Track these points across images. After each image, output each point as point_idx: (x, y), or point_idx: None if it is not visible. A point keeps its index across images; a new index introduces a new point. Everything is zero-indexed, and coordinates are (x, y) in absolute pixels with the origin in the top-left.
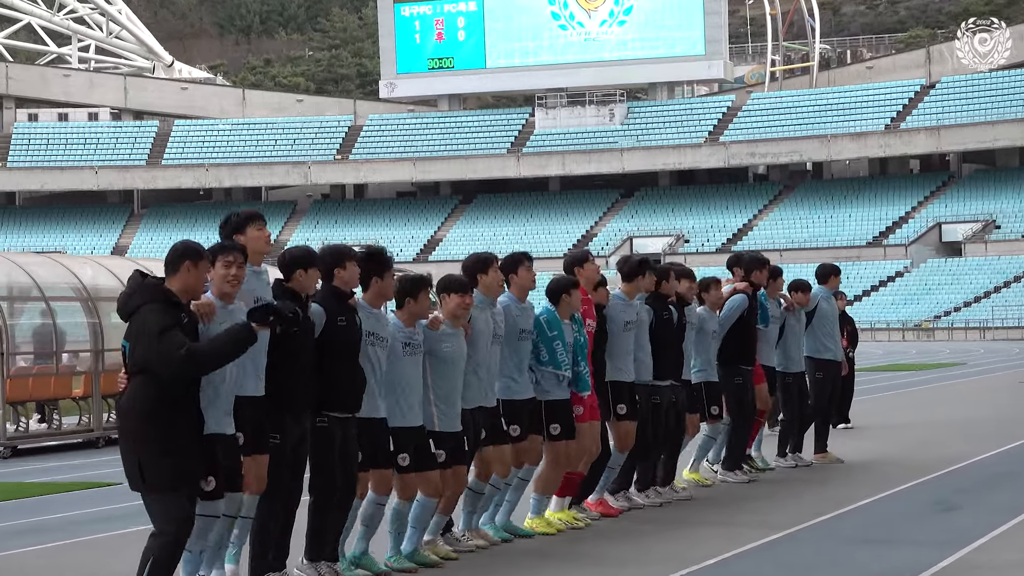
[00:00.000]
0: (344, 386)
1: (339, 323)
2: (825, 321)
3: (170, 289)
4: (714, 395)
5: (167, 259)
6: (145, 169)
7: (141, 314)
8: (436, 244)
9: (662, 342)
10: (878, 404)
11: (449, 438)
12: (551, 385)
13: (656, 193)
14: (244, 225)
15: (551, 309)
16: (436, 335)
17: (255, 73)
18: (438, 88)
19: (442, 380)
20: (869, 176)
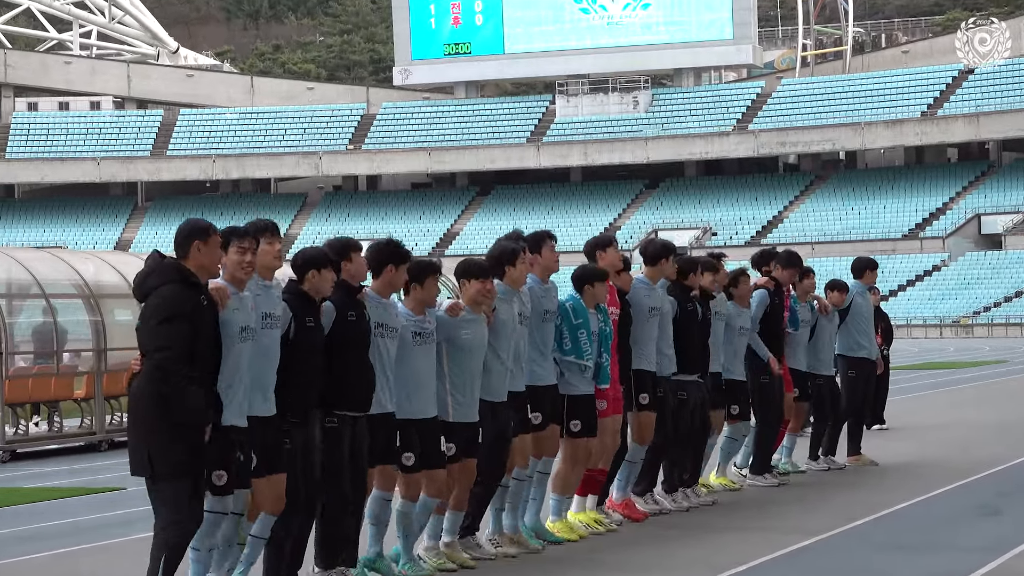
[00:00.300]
0: (354, 384)
1: (349, 318)
2: (860, 318)
3: (190, 269)
4: (737, 394)
5: (175, 241)
6: (149, 160)
7: (155, 296)
8: (452, 238)
9: (687, 335)
10: (914, 404)
11: (464, 429)
12: (575, 378)
13: (682, 184)
14: (258, 236)
15: (577, 296)
16: (455, 322)
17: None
18: (454, 75)
19: (459, 369)
20: (905, 165)
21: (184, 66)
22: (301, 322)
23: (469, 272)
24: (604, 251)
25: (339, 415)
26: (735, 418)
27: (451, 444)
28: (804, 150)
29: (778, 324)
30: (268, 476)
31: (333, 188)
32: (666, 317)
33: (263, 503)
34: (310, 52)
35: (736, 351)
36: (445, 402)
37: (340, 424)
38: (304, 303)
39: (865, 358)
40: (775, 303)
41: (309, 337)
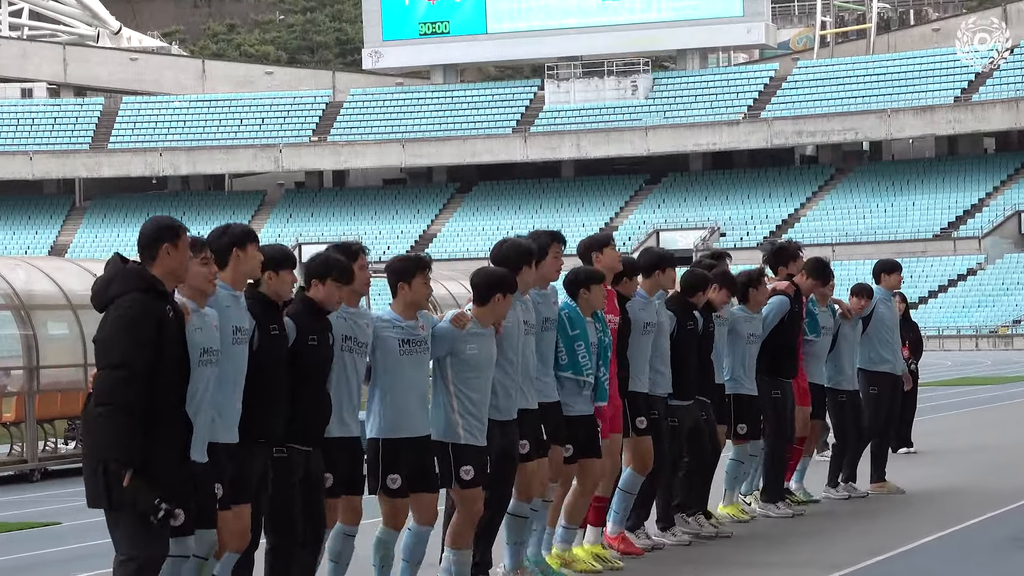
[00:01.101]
0: (307, 416)
1: (309, 342)
2: (882, 327)
3: (156, 277)
4: (744, 411)
5: (140, 243)
6: (88, 154)
7: (118, 305)
8: (429, 240)
9: (683, 357)
10: (945, 424)
11: (476, 454)
12: (572, 396)
13: (687, 179)
14: (246, 241)
15: (572, 305)
16: (460, 335)
17: (217, 41)
18: (431, 57)
19: (467, 388)
20: (936, 157)
21: (127, 48)
22: (265, 330)
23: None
24: (600, 252)
25: (289, 447)
26: (742, 438)
27: (468, 467)
28: (823, 140)
29: (794, 336)
30: (233, 508)
31: (295, 185)
32: (663, 333)
33: (228, 540)
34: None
35: (744, 362)
36: (453, 423)
37: (291, 455)
38: (267, 308)
39: (888, 373)
40: (794, 311)
41: (276, 347)
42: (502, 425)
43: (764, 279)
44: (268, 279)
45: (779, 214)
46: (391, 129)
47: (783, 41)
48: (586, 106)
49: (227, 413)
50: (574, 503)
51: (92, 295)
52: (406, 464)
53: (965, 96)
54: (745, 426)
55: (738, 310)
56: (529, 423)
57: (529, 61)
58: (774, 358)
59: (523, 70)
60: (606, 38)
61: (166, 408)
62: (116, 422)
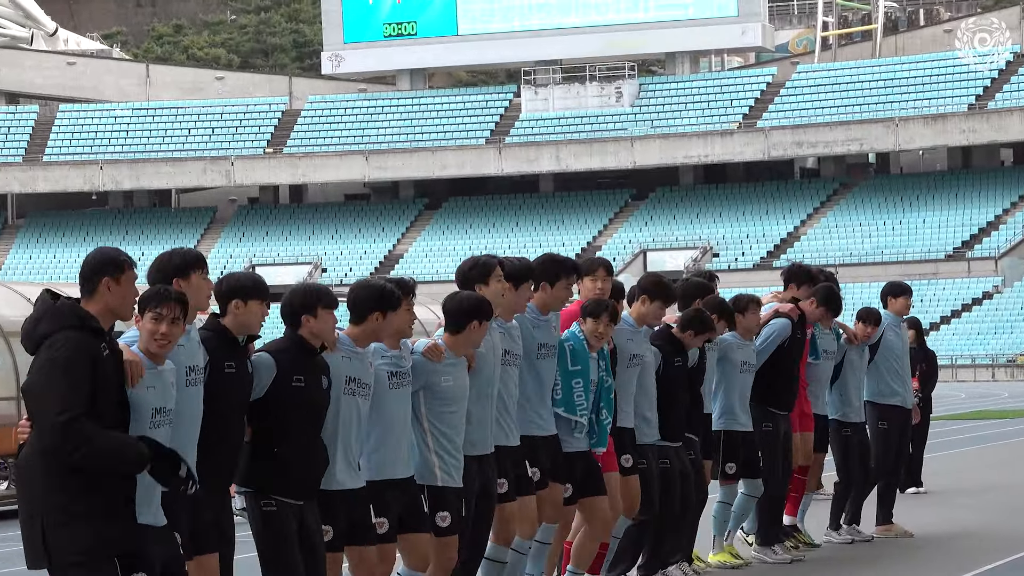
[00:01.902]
0: (295, 469)
1: (293, 383)
2: (891, 356)
3: (89, 313)
4: (735, 448)
5: (81, 275)
6: (21, 167)
7: (47, 346)
8: (395, 261)
9: (672, 395)
10: (958, 462)
11: (454, 497)
12: (563, 431)
13: (676, 194)
14: (189, 270)
15: (580, 337)
16: (432, 367)
17: (162, 44)
18: (397, 61)
19: (441, 423)
20: (948, 170)
21: (64, 52)
22: (218, 366)
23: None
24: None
25: (278, 500)
26: (730, 478)
27: (445, 513)
28: (825, 152)
29: (794, 364)
30: (197, 558)
31: (248, 201)
32: (647, 369)
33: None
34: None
35: (737, 393)
36: (430, 463)
37: (280, 508)
38: (224, 343)
39: (898, 406)
40: (795, 337)
41: (229, 386)
42: (479, 460)
43: (757, 304)
44: (235, 308)
45: (777, 232)
46: (353, 140)
47: (781, 44)
48: (566, 114)
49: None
50: (583, 545)
51: (22, 336)
52: (395, 508)
53: (980, 103)
54: (734, 465)
55: (729, 337)
56: (510, 460)
57: (504, 65)
58: (770, 387)
59: (497, 75)
60: (588, 40)
61: None
62: (101, 448)
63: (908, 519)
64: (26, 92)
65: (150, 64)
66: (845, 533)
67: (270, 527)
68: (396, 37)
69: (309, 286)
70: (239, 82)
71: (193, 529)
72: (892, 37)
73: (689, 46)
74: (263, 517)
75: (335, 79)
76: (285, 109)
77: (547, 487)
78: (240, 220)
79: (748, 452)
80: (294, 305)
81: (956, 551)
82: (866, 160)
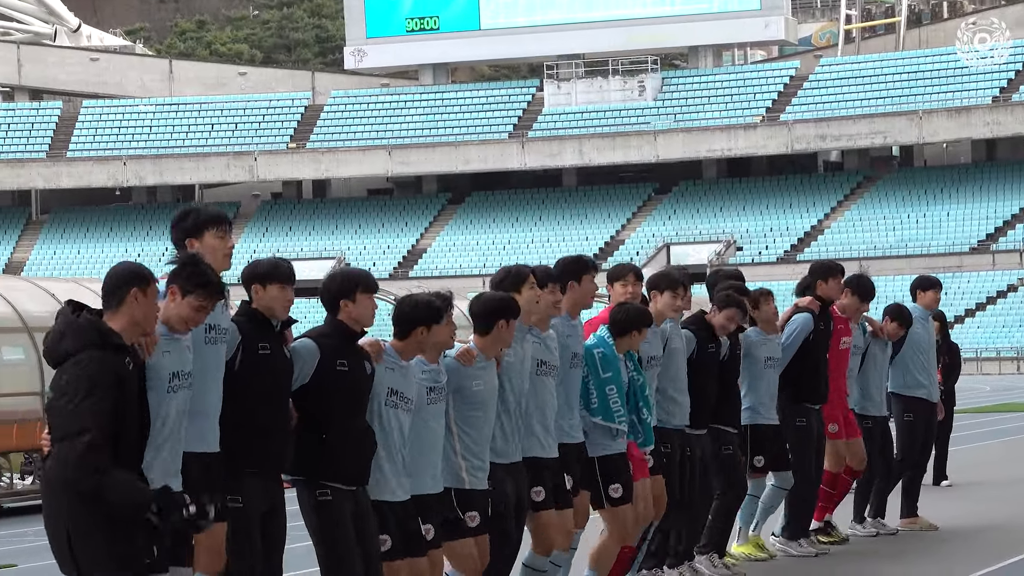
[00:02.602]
0: (344, 452)
1: (338, 368)
2: (918, 350)
3: (111, 330)
4: (762, 442)
5: (106, 287)
6: (45, 163)
7: (72, 364)
8: (418, 256)
9: (701, 382)
10: (983, 455)
11: (480, 499)
12: (604, 437)
13: (700, 188)
14: (203, 228)
15: (608, 341)
16: (465, 371)
17: (185, 39)
18: (419, 56)
19: (469, 426)
20: (973, 163)
21: (87, 48)
22: (251, 348)
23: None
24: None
25: (332, 487)
26: (758, 471)
27: (474, 513)
28: (849, 145)
29: (821, 357)
30: None
31: (271, 196)
32: (676, 356)
33: (198, 559)
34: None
35: (762, 389)
36: (456, 467)
37: (336, 497)
38: (256, 325)
39: (924, 399)
40: (819, 329)
41: (264, 367)
42: (507, 468)
43: (769, 294)
44: (256, 293)
45: (801, 226)
46: (376, 135)
47: (804, 37)
48: (589, 108)
49: (201, 420)
50: (604, 549)
51: (45, 350)
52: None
53: (1004, 96)
54: (762, 458)
55: (752, 332)
56: (548, 470)
57: (526, 60)
58: (800, 382)
59: (520, 70)
60: (611, 34)
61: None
62: (115, 484)
63: (933, 512)
64: (49, 88)
65: (173, 60)
66: (870, 526)
67: (325, 517)
68: (418, 32)
69: (347, 271)
70: (262, 77)
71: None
72: (916, 30)
73: (712, 40)
74: (317, 507)
75: (358, 74)
76: (308, 104)
77: (578, 495)
78: (263, 215)
79: (776, 445)
80: (332, 291)
81: (981, 544)
82: (890, 153)
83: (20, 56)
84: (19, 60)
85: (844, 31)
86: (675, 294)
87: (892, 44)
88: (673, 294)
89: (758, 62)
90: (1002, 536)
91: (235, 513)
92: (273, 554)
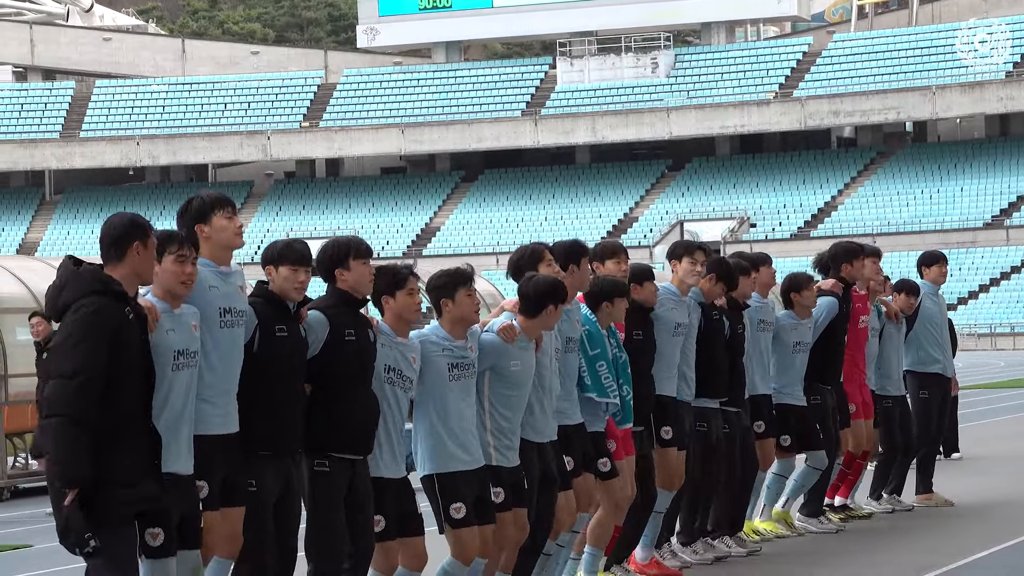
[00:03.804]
0: (352, 420)
1: (347, 337)
2: (931, 324)
3: (112, 278)
4: (788, 422)
5: (106, 239)
6: (59, 143)
7: (72, 311)
8: (432, 234)
9: (711, 352)
10: (998, 430)
11: (508, 475)
12: (593, 414)
13: (713, 165)
14: (209, 212)
15: (592, 318)
16: (504, 349)
17: (197, 18)
18: (432, 34)
19: (503, 406)
20: (986, 138)
21: (100, 28)
22: (269, 330)
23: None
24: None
25: (333, 457)
26: (786, 451)
27: (498, 489)
28: (862, 121)
29: (842, 339)
30: (222, 509)
31: (284, 175)
32: (691, 332)
33: (215, 543)
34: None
35: (789, 371)
36: (484, 443)
37: (333, 469)
38: (273, 307)
39: (939, 374)
40: (842, 312)
41: (280, 349)
42: (539, 448)
43: (812, 281)
44: (270, 275)
45: (814, 202)
46: (389, 113)
47: (817, 12)
48: (602, 86)
49: (218, 402)
50: (600, 523)
51: (46, 304)
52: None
53: (1018, 71)
54: (789, 438)
55: (784, 316)
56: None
57: (539, 37)
58: (819, 363)
59: (533, 47)
60: (623, 11)
61: (129, 418)
62: (66, 435)
63: (948, 488)
64: (62, 68)
65: (186, 39)
66: (886, 502)
67: (320, 487)
68: (431, 10)
69: (339, 239)
70: (275, 56)
71: (224, 479)
72: (928, 5)
73: (725, 16)
74: (314, 477)
75: (370, 52)
76: (321, 83)
77: (581, 475)
78: (277, 194)
79: (804, 426)
80: (325, 261)
81: (996, 519)
82: (903, 129)
83: (33, 36)
84: (32, 40)
85: (857, 6)
86: (693, 260)
87: (905, 19)
88: (691, 260)
89: (771, 38)
90: (1017, 512)
91: (249, 497)
92: (288, 538)
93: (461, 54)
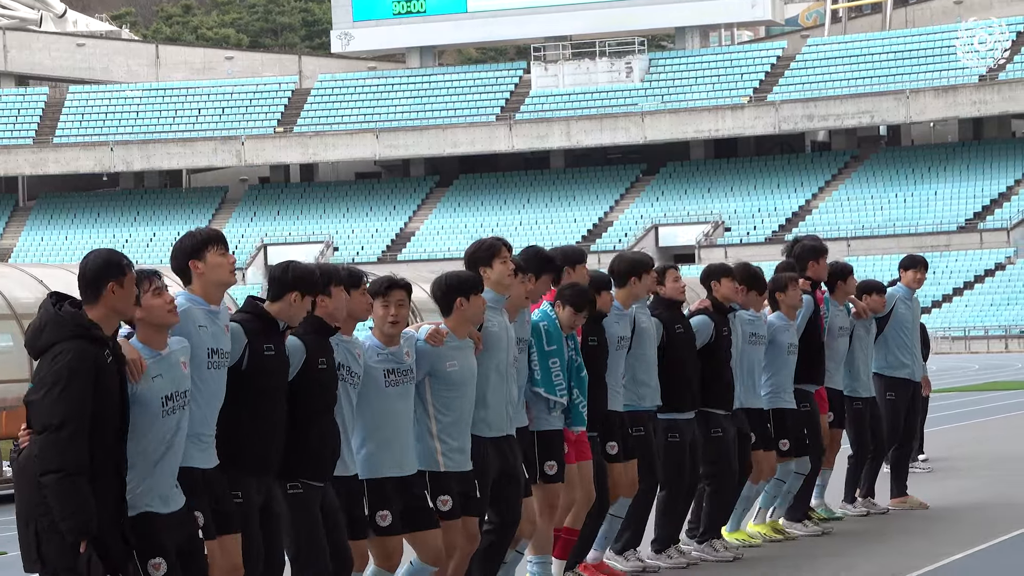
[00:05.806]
0: (318, 448)
1: (319, 366)
2: (901, 329)
3: (92, 322)
4: (785, 426)
5: (82, 281)
6: (32, 149)
7: (51, 356)
8: (407, 239)
9: (676, 365)
10: (972, 433)
11: (458, 480)
12: (541, 411)
13: (687, 169)
14: (203, 249)
15: (552, 316)
16: (437, 352)
17: (171, 24)
18: (406, 39)
19: (447, 408)
20: (960, 142)
21: (73, 33)
22: (257, 349)
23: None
24: (574, 268)
25: (303, 482)
26: (784, 455)
27: (446, 497)
28: (836, 125)
29: (820, 338)
30: (220, 537)
31: (259, 180)
32: (644, 337)
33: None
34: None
35: (784, 374)
36: (431, 449)
37: (306, 490)
38: (263, 325)
39: (907, 379)
40: (817, 310)
41: (268, 369)
42: (495, 443)
43: (797, 279)
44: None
45: (789, 206)
46: (363, 118)
47: (791, 17)
48: (576, 90)
49: (203, 438)
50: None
51: (26, 341)
52: (398, 500)
53: (991, 75)
54: (787, 442)
55: (775, 318)
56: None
57: (513, 42)
58: (804, 365)
59: (507, 52)
60: (597, 16)
61: (101, 460)
62: (68, 489)
63: (923, 491)
64: (36, 74)
65: (159, 45)
66: (860, 505)
67: (300, 510)
68: (405, 15)
69: (321, 266)
70: (249, 62)
71: (215, 509)
72: (902, 9)
73: (699, 20)
74: (291, 501)
75: (345, 57)
76: (295, 88)
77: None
78: (251, 200)
79: (796, 430)
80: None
81: (971, 523)
82: (877, 132)
83: (6, 42)
84: (5, 46)
85: (831, 11)
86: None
87: (879, 24)
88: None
89: (745, 43)
90: (992, 514)
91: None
92: (273, 550)
93: (435, 59)
